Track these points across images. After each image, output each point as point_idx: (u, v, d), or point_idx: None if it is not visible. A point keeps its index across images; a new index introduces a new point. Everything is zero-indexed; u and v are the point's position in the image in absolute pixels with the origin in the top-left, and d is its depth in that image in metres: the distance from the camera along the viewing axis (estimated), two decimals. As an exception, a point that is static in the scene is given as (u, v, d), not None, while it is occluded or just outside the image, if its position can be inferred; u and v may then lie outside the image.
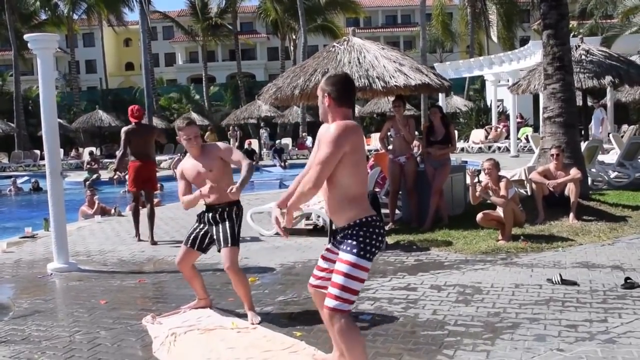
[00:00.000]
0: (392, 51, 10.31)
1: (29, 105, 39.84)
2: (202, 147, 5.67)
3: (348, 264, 3.67)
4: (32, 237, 10.48)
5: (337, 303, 3.67)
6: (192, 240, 5.72)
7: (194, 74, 60.65)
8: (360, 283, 3.73)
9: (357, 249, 3.68)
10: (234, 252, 5.51)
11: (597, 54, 14.45)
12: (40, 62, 7.96)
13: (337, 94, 3.78)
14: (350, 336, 3.71)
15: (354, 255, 3.67)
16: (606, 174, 13.40)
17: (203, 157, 5.60)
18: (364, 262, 3.70)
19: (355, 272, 3.68)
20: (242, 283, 5.56)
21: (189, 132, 5.58)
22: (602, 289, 6.07)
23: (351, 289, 3.68)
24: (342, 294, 3.67)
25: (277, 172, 25.63)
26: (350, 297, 3.70)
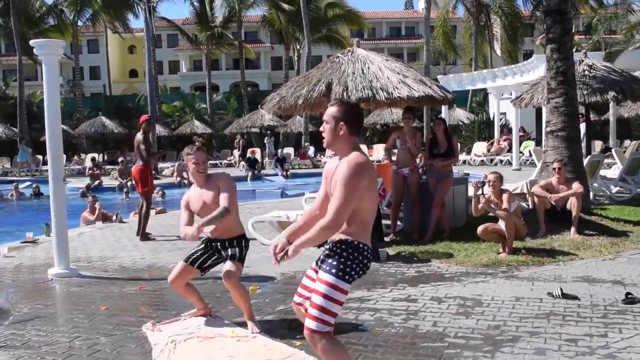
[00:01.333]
0: (396, 62, 10.34)
1: (32, 111, 39.90)
2: (209, 175, 5.64)
3: (327, 285, 3.65)
4: (33, 242, 10.49)
5: (316, 324, 3.65)
6: (194, 260, 5.66)
7: (198, 82, 60.84)
8: (339, 305, 3.69)
9: (336, 269, 3.66)
10: (238, 267, 5.51)
11: (600, 69, 14.48)
12: (46, 68, 7.99)
13: (354, 126, 3.79)
14: (333, 354, 3.70)
15: (332, 276, 3.65)
16: (608, 189, 13.40)
17: (209, 185, 5.56)
18: (343, 284, 3.66)
19: (333, 294, 3.64)
20: (242, 296, 5.54)
21: (199, 156, 5.55)
22: (603, 303, 6.07)
23: (330, 310, 3.65)
24: (321, 315, 3.64)
25: (279, 181, 25.62)
26: (329, 319, 3.66)
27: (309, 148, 34.15)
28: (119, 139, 40.01)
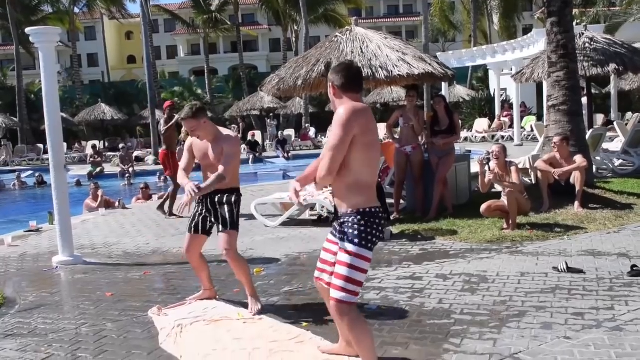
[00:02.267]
0: (395, 40, 10.28)
1: (31, 100, 39.83)
2: (219, 133, 5.58)
3: (350, 254, 3.64)
4: (37, 231, 10.49)
5: (343, 295, 3.65)
6: (195, 227, 5.68)
7: (196, 67, 60.63)
8: (363, 274, 3.70)
9: (359, 238, 3.64)
10: (232, 236, 5.47)
11: (601, 42, 14.38)
12: (42, 56, 7.95)
13: (341, 81, 3.75)
14: (359, 328, 3.71)
15: (355, 245, 3.64)
16: (611, 162, 13.36)
17: (216, 144, 5.52)
18: (365, 251, 3.66)
19: (357, 263, 3.65)
20: (242, 269, 5.52)
21: (186, 126, 5.53)
22: (609, 276, 6.06)
23: (355, 280, 3.66)
24: (347, 285, 3.64)
25: (280, 163, 25.62)
26: (355, 289, 3.67)
27: (309, 129, 34.09)
28: (119, 126, 40.04)
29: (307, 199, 9.67)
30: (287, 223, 9.72)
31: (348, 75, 3.78)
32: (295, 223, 9.86)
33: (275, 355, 4.45)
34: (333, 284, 3.70)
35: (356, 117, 3.60)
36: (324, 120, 37.05)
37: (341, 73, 3.78)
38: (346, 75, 3.78)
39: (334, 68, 3.88)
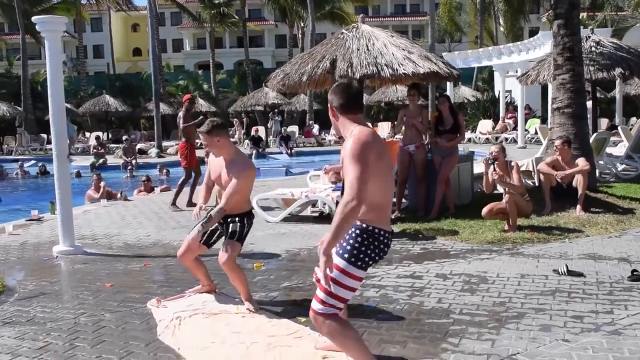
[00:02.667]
0: (401, 39, 10.26)
1: (36, 89, 39.86)
2: (236, 156, 5.47)
3: (337, 269, 3.51)
4: (38, 220, 10.50)
5: (321, 307, 3.58)
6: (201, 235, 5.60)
7: (202, 61, 60.61)
8: (349, 291, 3.59)
9: (349, 254, 3.53)
10: (234, 247, 5.38)
11: (607, 46, 14.35)
12: (48, 45, 7.95)
13: (340, 101, 3.65)
14: (340, 337, 3.64)
15: (344, 261, 3.53)
16: (614, 167, 13.34)
17: (231, 166, 5.40)
18: (354, 269, 3.54)
19: (342, 279, 3.52)
20: (238, 278, 5.42)
21: (203, 139, 5.45)
22: (609, 280, 6.04)
23: (337, 295, 3.55)
24: (327, 299, 3.56)
25: (283, 159, 25.61)
26: (335, 303, 3.57)
27: (313, 126, 34.09)
28: (123, 118, 40.09)
29: (308, 195, 9.68)
30: (289, 219, 9.72)
31: (347, 96, 3.67)
32: (297, 219, 9.86)
33: (273, 350, 4.45)
34: (315, 294, 3.63)
35: (369, 149, 3.47)
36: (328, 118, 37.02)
37: (340, 94, 3.67)
38: (345, 95, 3.67)
39: (333, 89, 3.74)
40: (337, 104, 3.67)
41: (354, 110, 3.67)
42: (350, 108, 3.66)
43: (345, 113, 3.65)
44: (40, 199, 14.76)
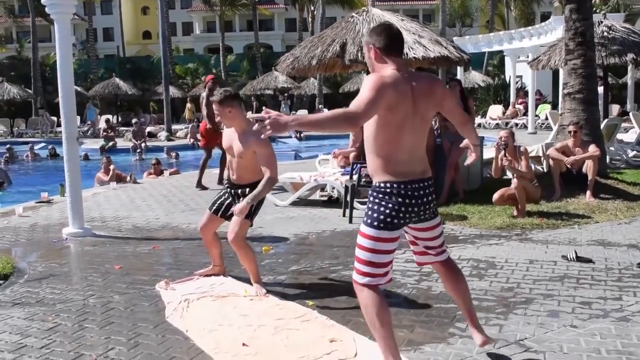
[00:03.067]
0: (412, 22, 10.21)
1: (46, 72, 39.92)
2: (248, 127, 5.31)
3: (364, 237, 3.53)
4: (48, 202, 10.55)
5: (358, 277, 3.56)
6: (217, 208, 5.66)
7: (211, 44, 60.51)
8: (384, 255, 3.52)
9: (370, 218, 3.52)
10: (243, 225, 5.37)
11: (619, 31, 14.26)
12: (58, 27, 7.93)
13: (383, 43, 3.52)
14: (370, 309, 3.54)
15: (367, 226, 3.52)
16: (625, 153, 13.27)
17: (242, 137, 5.31)
18: (370, 230, 3.49)
19: (373, 245, 3.49)
20: (247, 257, 5.44)
21: (216, 109, 5.37)
22: (618, 267, 6.02)
23: (363, 260, 3.51)
24: (362, 267, 3.53)
25: (292, 143, 25.57)
26: (364, 269, 3.52)
27: (323, 110, 34.01)
28: (132, 101, 40.10)
29: (317, 179, 9.67)
30: (297, 203, 9.72)
31: (390, 37, 3.56)
32: (305, 203, 9.86)
33: (280, 333, 4.47)
34: (354, 265, 3.62)
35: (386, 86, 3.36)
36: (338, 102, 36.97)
37: (382, 35, 3.55)
38: (388, 36, 3.55)
39: (373, 29, 3.64)
40: (382, 44, 3.53)
41: (395, 53, 3.56)
42: (393, 48, 3.55)
43: (389, 54, 3.52)
44: (50, 181, 14.81)
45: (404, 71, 3.54)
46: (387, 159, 3.51)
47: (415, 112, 3.49)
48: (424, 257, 3.91)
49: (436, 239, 3.82)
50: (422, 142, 3.64)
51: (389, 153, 3.51)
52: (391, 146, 3.50)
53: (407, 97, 3.45)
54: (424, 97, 3.54)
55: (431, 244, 3.83)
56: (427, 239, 3.81)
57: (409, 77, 3.52)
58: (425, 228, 3.75)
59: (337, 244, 7.26)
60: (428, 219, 3.70)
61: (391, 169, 3.51)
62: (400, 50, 3.64)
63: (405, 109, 3.44)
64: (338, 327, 4.53)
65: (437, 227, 3.79)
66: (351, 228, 8.01)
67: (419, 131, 3.58)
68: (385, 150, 3.50)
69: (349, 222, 8.30)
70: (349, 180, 8.85)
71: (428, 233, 3.78)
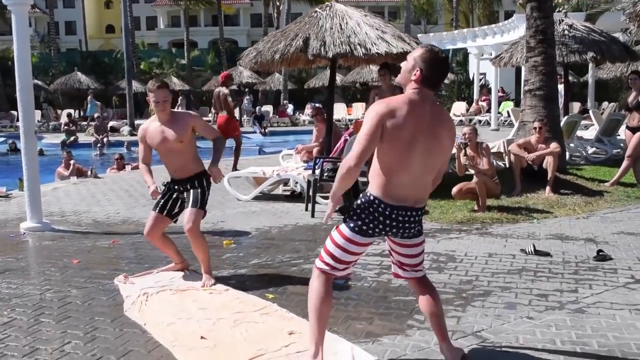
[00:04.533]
0: (375, 18, 10.24)
1: (7, 66, 39.15)
2: (173, 113, 5.47)
3: (338, 232, 3.59)
4: (6, 197, 10.37)
5: (320, 263, 3.66)
6: (161, 207, 5.56)
7: (176, 39, 59.99)
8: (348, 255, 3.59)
9: (351, 219, 3.57)
10: (198, 215, 5.39)
11: (580, 29, 14.45)
12: (15, 19, 7.80)
13: (431, 74, 3.47)
14: (316, 297, 3.63)
15: (345, 225, 3.58)
16: (584, 149, 13.47)
17: (173, 124, 5.38)
18: (346, 230, 3.54)
19: (343, 243, 3.57)
20: (201, 247, 5.44)
21: (159, 95, 5.33)
22: (575, 260, 6.12)
23: (335, 256, 3.60)
24: (325, 257, 3.63)
25: (256, 138, 25.50)
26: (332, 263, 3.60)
27: (287, 106, 33.99)
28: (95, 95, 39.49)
29: (280, 173, 9.66)
30: (260, 197, 9.70)
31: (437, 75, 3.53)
32: (268, 197, 9.84)
33: (240, 326, 4.45)
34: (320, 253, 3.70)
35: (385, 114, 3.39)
36: (302, 98, 37.00)
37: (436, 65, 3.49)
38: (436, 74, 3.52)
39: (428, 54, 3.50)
40: (427, 73, 3.47)
41: (429, 84, 3.51)
42: (433, 83, 3.52)
43: (423, 83, 3.48)
44: (9, 175, 14.55)
45: (429, 97, 3.52)
46: (385, 179, 3.50)
47: (428, 137, 3.46)
48: (400, 270, 3.87)
49: (413, 257, 3.77)
50: (431, 168, 3.59)
51: (389, 175, 3.48)
52: (393, 169, 3.48)
53: (415, 120, 3.42)
54: (443, 124, 3.54)
55: (406, 260, 3.78)
56: (402, 255, 3.77)
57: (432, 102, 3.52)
58: (403, 244, 3.72)
59: (299, 237, 7.26)
60: (408, 238, 3.68)
61: (385, 188, 3.50)
62: (438, 86, 3.62)
63: (411, 131, 3.42)
64: (297, 320, 4.53)
65: (416, 246, 3.74)
66: (313, 222, 8.01)
67: (432, 156, 3.53)
68: (387, 170, 3.49)
69: (311, 217, 8.30)
70: (311, 175, 8.85)
71: (405, 249, 3.74)
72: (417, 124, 3.42)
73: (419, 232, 3.71)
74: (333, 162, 9.14)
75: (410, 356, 3.93)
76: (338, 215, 3.59)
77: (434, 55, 3.50)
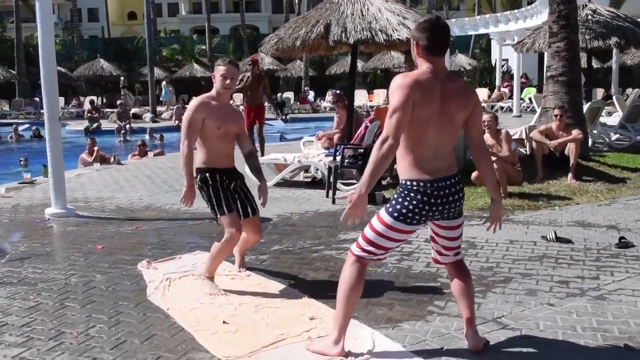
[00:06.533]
0: (396, 4, 10.20)
1: (30, 53, 39.50)
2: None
3: (381, 223, 3.55)
4: (31, 183, 10.50)
5: (358, 251, 3.63)
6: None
7: (197, 25, 60.08)
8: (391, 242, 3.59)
9: (389, 204, 3.57)
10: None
11: (604, 14, 14.31)
12: (39, 6, 7.86)
13: (427, 41, 3.49)
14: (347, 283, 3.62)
15: (387, 215, 3.54)
16: (607, 136, 13.35)
17: (230, 107, 5.19)
18: (388, 217, 3.52)
19: (386, 232, 3.54)
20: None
21: (230, 71, 4.94)
22: (596, 247, 6.10)
23: (377, 244, 3.57)
24: (366, 246, 3.60)
25: (278, 125, 25.47)
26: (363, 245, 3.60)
27: (309, 92, 33.94)
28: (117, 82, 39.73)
29: (301, 160, 9.69)
30: (281, 184, 9.74)
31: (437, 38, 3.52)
32: (289, 184, 9.88)
33: (261, 311, 4.50)
34: (357, 240, 3.68)
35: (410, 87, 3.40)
36: (324, 84, 36.92)
37: (428, 32, 3.50)
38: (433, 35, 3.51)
39: (420, 24, 3.57)
40: (425, 43, 3.51)
41: (438, 53, 3.53)
42: (434, 49, 3.52)
43: (430, 54, 3.52)
44: (34, 162, 14.73)
45: (440, 72, 3.52)
46: (413, 157, 3.50)
47: (442, 112, 3.47)
48: (440, 256, 3.88)
49: (455, 239, 3.79)
50: (448, 141, 3.59)
51: (415, 150, 3.48)
52: (416, 143, 3.47)
53: (434, 95, 3.44)
54: (455, 100, 3.52)
55: (449, 244, 3.79)
56: (446, 238, 3.77)
57: (444, 78, 3.52)
58: (447, 227, 3.71)
59: (320, 224, 7.30)
60: (452, 218, 3.68)
61: (417, 166, 3.49)
62: (442, 51, 3.58)
63: (431, 106, 3.43)
64: (318, 305, 4.58)
65: (458, 228, 3.76)
66: (334, 209, 8.04)
67: (445, 130, 3.54)
68: (411, 147, 3.48)
69: (332, 203, 8.33)
70: (332, 161, 8.87)
71: (449, 232, 3.74)
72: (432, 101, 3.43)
73: (461, 210, 3.71)
74: (354, 148, 9.16)
75: (431, 342, 3.95)
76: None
77: (426, 24, 3.55)
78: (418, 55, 3.56)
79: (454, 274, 3.87)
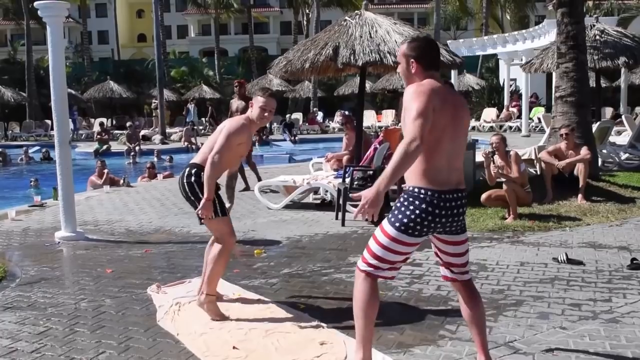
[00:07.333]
0: (405, 26, 10.22)
1: (40, 75, 39.83)
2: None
3: (386, 236, 3.51)
4: (41, 206, 10.53)
5: (364, 266, 3.58)
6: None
7: (206, 47, 60.50)
8: (397, 255, 3.53)
9: (392, 214, 3.52)
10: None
11: (612, 34, 14.32)
12: (50, 30, 7.94)
13: (422, 58, 3.54)
14: (362, 300, 3.58)
15: (392, 227, 3.49)
16: (617, 156, 13.31)
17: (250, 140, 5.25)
18: (391, 229, 3.48)
19: (391, 245, 3.49)
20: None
21: (272, 104, 4.99)
22: (608, 269, 6.05)
23: (384, 258, 3.52)
24: (372, 260, 3.55)
25: (286, 146, 25.58)
26: (379, 265, 3.54)
27: (317, 113, 34.04)
28: (127, 104, 40.06)
29: (310, 182, 9.69)
30: (290, 206, 9.73)
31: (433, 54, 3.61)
32: (299, 206, 9.87)
33: (271, 336, 4.47)
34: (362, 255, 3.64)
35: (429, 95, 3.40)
36: (332, 105, 37.02)
37: (428, 51, 3.58)
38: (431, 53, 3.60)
39: (412, 43, 3.61)
40: (419, 57, 3.55)
41: (431, 66, 3.57)
42: (428, 63, 3.56)
43: (427, 70, 3.54)
44: (43, 184, 14.80)
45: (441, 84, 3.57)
46: (428, 166, 3.47)
47: (455, 120, 3.52)
48: (447, 271, 3.85)
49: (460, 256, 3.76)
50: (459, 151, 3.60)
51: (430, 159, 3.46)
52: (432, 152, 3.45)
53: (448, 103, 3.49)
54: (464, 109, 3.64)
55: (456, 260, 3.76)
56: (452, 255, 3.74)
57: (447, 89, 3.58)
58: (451, 242, 3.68)
59: (330, 247, 7.28)
60: (455, 233, 3.65)
61: (428, 175, 3.47)
62: (438, 65, 3.66)
63: (447, 113, 3.46)
64: (329, 330, 4.55)
65: (462, 244, 3.73)
66: (343, 231, 8.02)
67: (458, 139, 3.56)
68: (426, 156, 3.44)
69: (342, 225, 8.32)
70: (341, 183, 8.87)
71: (452, 248, 3.71)
72: (447, 108, 3.46)
73: (464, 225, 3.69)
74: (363, 170, 9.15)
75: (442, 367, 3.92)
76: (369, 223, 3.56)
77: (418, 42, 3.63)
78: (415, 72, 3.57)
79: (464, 297, 3.83)
